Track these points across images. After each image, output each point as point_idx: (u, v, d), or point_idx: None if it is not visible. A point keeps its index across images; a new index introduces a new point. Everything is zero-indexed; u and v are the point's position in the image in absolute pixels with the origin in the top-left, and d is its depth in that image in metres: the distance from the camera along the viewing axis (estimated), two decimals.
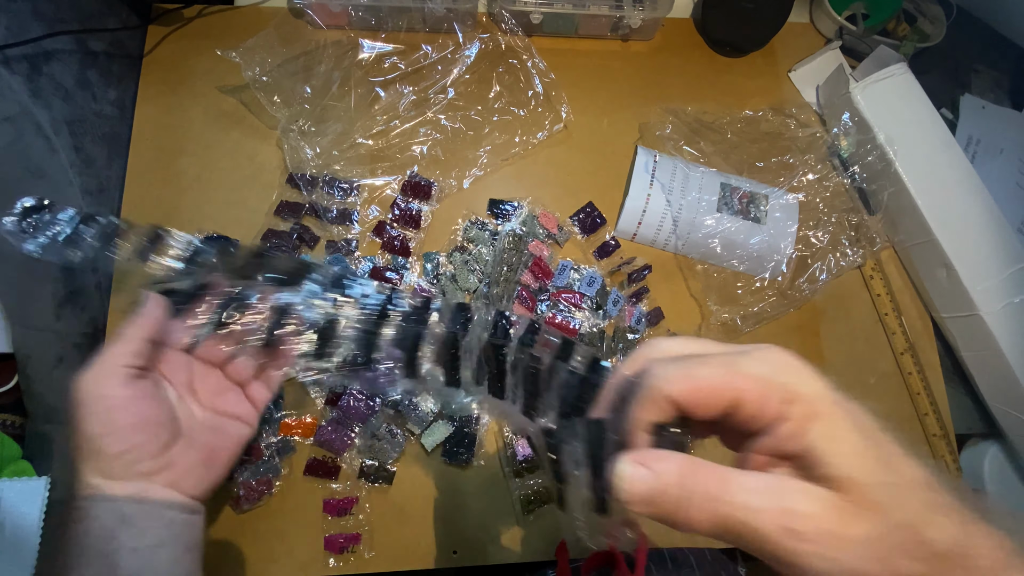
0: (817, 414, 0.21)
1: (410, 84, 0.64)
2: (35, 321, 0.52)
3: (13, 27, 0.50)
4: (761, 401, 0.21)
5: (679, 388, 0.22)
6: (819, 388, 0.21)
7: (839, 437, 0.20)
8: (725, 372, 0.22)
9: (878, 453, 0.20)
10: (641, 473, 0.21)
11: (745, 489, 0.20)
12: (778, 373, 0.21)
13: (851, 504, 0.20)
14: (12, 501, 0.48)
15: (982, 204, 0.63)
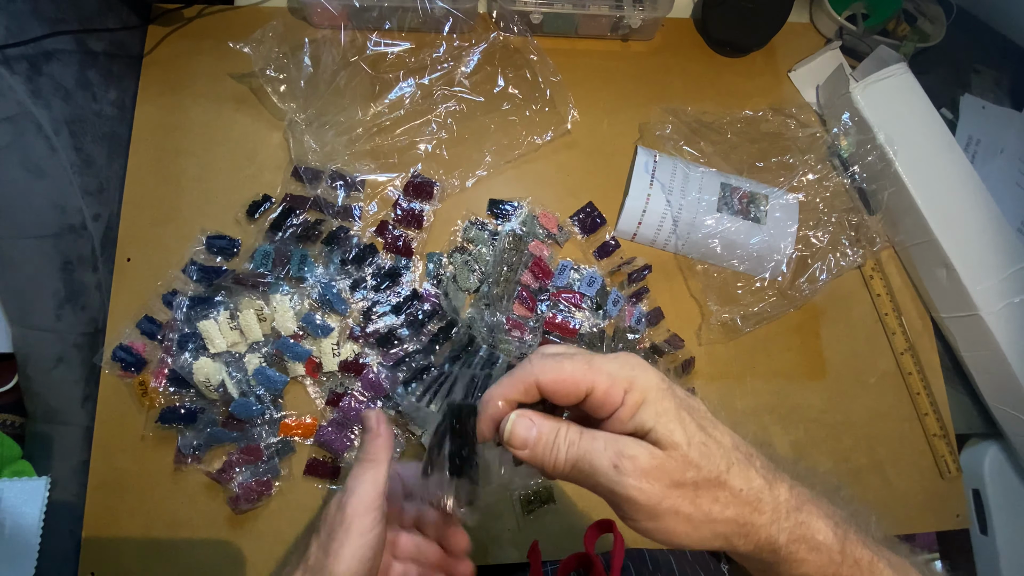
0: (647, 399, 0.27)
1: (417, 81, 0.64)
2: (35, 321, 0.52)
3: (13, 27, 0.50)
4: (608, 390, 0.27)
5: (548, 377, 0.28)
6: (652, 379, 0.27)
7: (663, 413, 0.27)
8: (586, 367, 0.28)
9: (696, 424, 0.27)
10: (525, 423, 0.28)
11: (593, 437, 0.27)
12: (623, 368, 0.27)
13: (669, 458, 0.26)
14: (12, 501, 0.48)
15: (982, 204, 0.63)
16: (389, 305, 0.58)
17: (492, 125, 0.65)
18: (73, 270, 0.54)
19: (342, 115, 0.62)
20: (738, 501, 0.26)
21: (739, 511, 0.26)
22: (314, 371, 0.57)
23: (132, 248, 0.59)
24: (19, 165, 0.50)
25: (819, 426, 0.63)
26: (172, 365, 0.54)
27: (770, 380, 0.63)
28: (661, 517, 0.26)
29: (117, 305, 0.57)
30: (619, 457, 0.26)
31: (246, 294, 0.56)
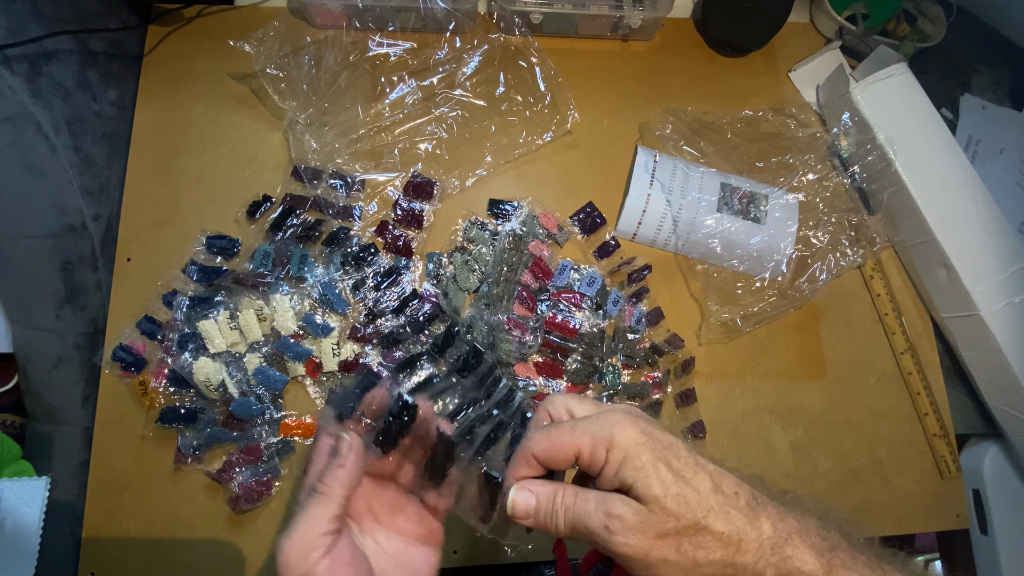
0: (627, 455, 0.29)
1: (418, 81, 0.64)
2: (35, 321, 0.52)
3: (13, 27, 0.50)
4: (592, 451, 0.30)
5: (540, 449, 0.31)
6: (630, 434, 0.30)
7: (641, 468, 0.29)
8: (569, 434, 0.31)
9: (674, 474, 0.29)
10: (524, 495, 0.32)
11: (585, 500, 0.30)
12: (604, 428, 0.30)
13: (651, 512, 0.28)
14: (12, 501, 0.48)
15: (982, 204, 0.63)
16: (389, 305, 0.58)
17: (492, 126, 0.65)
18: (73, 270, 0.54)
19: (343, 115, 0.62)
20: (721, 544, 0.28)
21: (724, 553, 0.28)
22: (314, 371, 0.57)
23: (132, 248, 0.59)
24: (19, 165, 0.50)
25: (819, 426, 0.63)
26: (172, 365, 0.54)
27: (770, 380, 0.63)
28: (652, 566, 0.28)
29: (117, 305, 0.57)
30: (608, 518, 0.29)
31: (246, 294, 0.56)
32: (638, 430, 0.30)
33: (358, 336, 0.57)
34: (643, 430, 0.30)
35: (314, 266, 0.58)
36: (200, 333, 0.55)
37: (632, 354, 0.60)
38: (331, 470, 0.32)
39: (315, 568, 0.29)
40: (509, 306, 0.58)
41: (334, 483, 0.32)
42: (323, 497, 0.31)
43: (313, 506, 0.31)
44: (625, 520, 0.28)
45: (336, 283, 0.58)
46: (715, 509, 0.28)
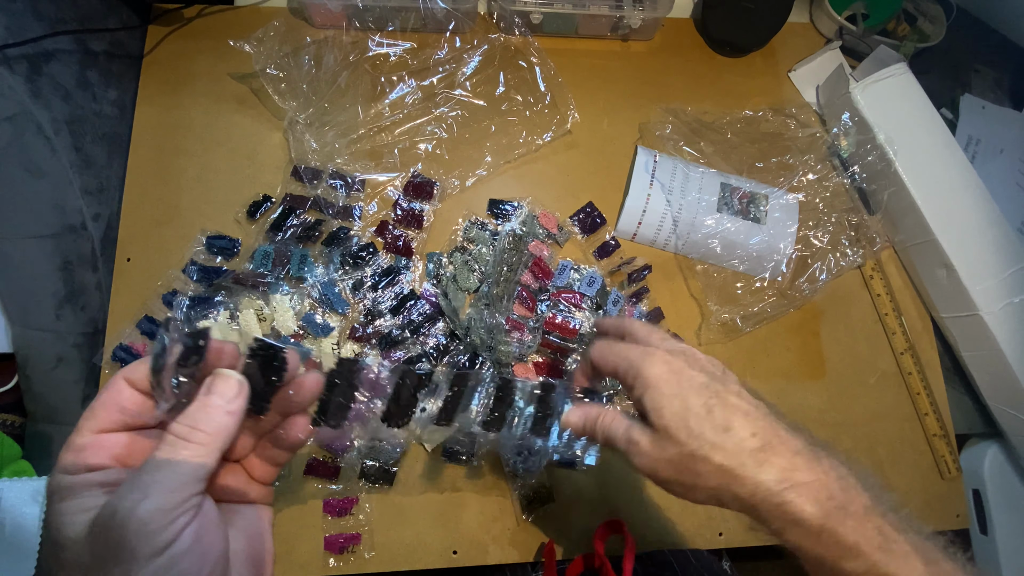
0: (647, 386, 0.35)
1: (418, 81, 0.64)
2: (35, 321, 0.52)
3: (13, 27, 0.50)
4: (624, 374, 0.36)
5: (596, 355, 0.39)
6: (657, 372, 0.35)
7: (658, 399, 0.34)
8: (615, 353, 0.37)
9: (687, 410, 0.33)
10: (577, 412, 0.39)
11: (617, 424, 0.37)
12: (639, 359, 0.36)
13: (661, 439, 0.34)
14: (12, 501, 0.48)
15: (982, 204, 0.63)
16: (389, 305, 0.58)
17: (492, 126, 0.65)
18: (73, 270, 0.54)
19: (343, 115, 0.62)
20: (717, 473, 0.32)
21: (720, 481, 0.32)
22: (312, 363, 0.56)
23: (132, 248, 0.59)
24: (19, 165, 0.50)
25: (819, 426, 0.63)
26: None
27: (770, 380, 0.63)
28: (663, 482, 0.35)
29: (117, 305, 0.57)
30: (628, 443, 0.35)
31: (246, 294, 0.56)
32: (666, 368, 0.35)
33: (358, 336, 0.57)
34: (673, 369, 0.35)
35: (314, 266, 0.58)
36: None
37: None
38: (212, 415, 0.26)
39: (180, 536, 0.24)
40: (509, 306, 0.58)
41: (216, 431, 0.26)
42: (197, 448, 0.26)
43: (182, 458, 0.25)
44: (640, 445, 0.35)
45: (336, 283, 0.58)
46: (717, 444, 0.32)
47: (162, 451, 0.25)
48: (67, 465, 0.26)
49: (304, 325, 0.56)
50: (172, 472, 0.25)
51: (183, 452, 0.25)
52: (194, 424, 0.26)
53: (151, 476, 0.24)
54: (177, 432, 0.26)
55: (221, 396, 0.27)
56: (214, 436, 0.26)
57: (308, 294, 0.58)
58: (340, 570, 0.53)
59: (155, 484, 0.24)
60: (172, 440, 0.26)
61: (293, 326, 0.56)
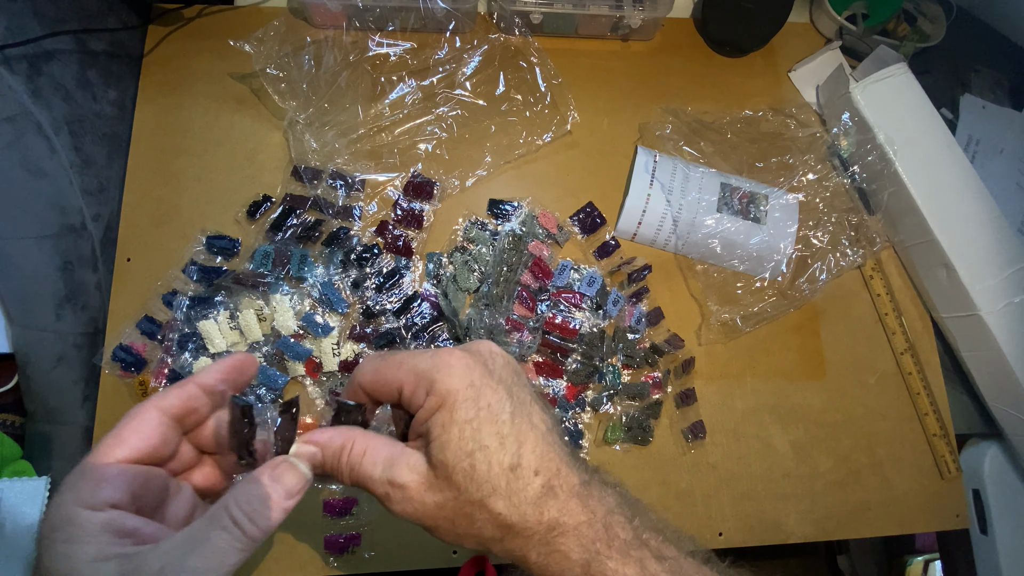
0: (442, 405, 0.28)
1: (418, 81, 0.64)
2: (35, 321, 0.52)
3: (13, 27, 0.50)
4: (414, 389, 0.29)
5: (366, 379, 0.30)
6: (455, 384, 0.28)
7: (446, 426, 0.27)
8: (396, 367, 0.29)
9: (475, 443, 0.27)
10: (308, 449, 0.29)
11: (371, 461, 0.28)
12: (431, 369, 0.28)
13: (436, 479, 0.27)
14: (12, 501, 0.48)
15: (982, 204, 0.63)
16: (389, 305, 0.58)
17: (492, 126, 0.65)
18: (73, 270, 0.54)
19: (343, 115, 0.62)
20: (494, 524, 0.27)
21: (493, 532, 0.28)
22: (314, 371, 0.57)
23: (132, 248, 0.59)
24: (19, 165, 0.50)
25: (819, 426, 0.63)
26: (172, 365, 0.54)
27: (770, 380, 0.63)
28: (427, 529, 0.29)
29: (117, 305, 0.57)
30: (390, 487, 0.28)
31: (246, 294, 0.56)
32: (466, 381, 0.28)
33: (358, 336, 0.57)
34: (472, 382, 0.28)
35: (314, 266, 0.58)
36: (200, 333, 0.55)
37: (632, 354, 0.60)
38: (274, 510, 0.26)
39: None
40: (509, 306, 0.58)
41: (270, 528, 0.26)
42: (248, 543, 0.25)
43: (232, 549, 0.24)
44: (407, 490, 0.27)
45: (336, 283, 0.58)
46: (500, 490, 0.27)
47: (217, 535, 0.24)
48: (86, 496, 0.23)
49: (304, 325, 0.56)
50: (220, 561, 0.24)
51: (236, 543, 0.24)
52: (253, 517, 0.25)
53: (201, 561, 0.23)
54: (237, 519, 0.25)
55: (287, 491, 0.27)
56: (266, 532, 0.25)
57: (308, 294, 0.58)
58: (340, 570, 0.53)
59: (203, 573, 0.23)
60: (228, 525, 0.24)
61: (293, 326, 0.56)
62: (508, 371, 0.30)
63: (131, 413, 0.27)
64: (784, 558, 1.15)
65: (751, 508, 0.60)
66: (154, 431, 0.27)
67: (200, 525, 0.24)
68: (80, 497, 0.23)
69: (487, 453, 0.27)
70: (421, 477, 0.27)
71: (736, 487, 0.60)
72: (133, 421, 0.26)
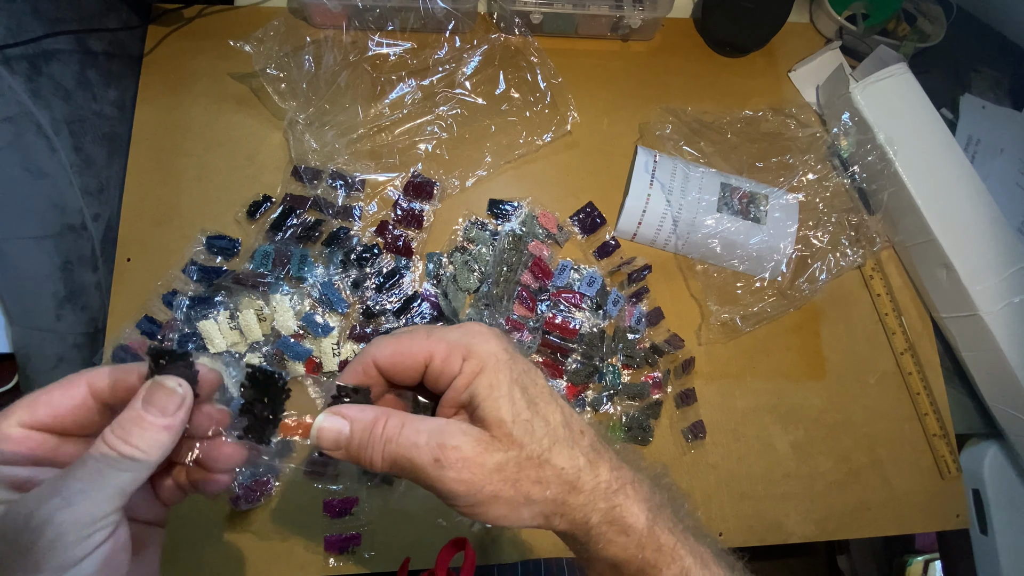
0: (484, 368, 0.27)
1: (417, 81, 0.64)
2: (35, 321, 0.52)
3: (13, 27, 0.50)
4: (447, 357, 0.27)
5: (384, 353, 0.28)
6: (492, 348, 0.27)
7: (495, 386, 0.26)
8: (424, 338, 0.27)
9: (527, 400, 0.26)
10: (335, 422, 0.27)
11: (413, 430, 0.26)
12: (464, 336, 0.27)
13: (493, 439, 0.26)
14: None
15: (982, 204, 0.63)
16: (389, 305, 0.58)
17: (492, 126, 0.65)
18: (73, 270, 0.54)
19: (343, 115, 0.62)
20: (559, 481, 0.26)
21: (558, 491, 0.26)
22: (314, 371, 0.57)
23: (132, 248, 0.59)
24: (19, 165, 0.50)
25: (819, 426, 0.63)
26: None
27: (770, 380, 0.63)
28: (481, 504, 0.26)
29: (117, 305, 0.57)
30: (441, 450, 0.25)
31: (246, 294, 0.56)
32: (501, 346, 0.27)
33: (358, 336, 0.57)
34: (507, 349, 0.28)
35: (314, 266, 0.58)
36: (200, 333, 0.55)
37: (632, 354, 0.60)
38: (148, 429, 0.24)
39: (92, 554, 0.22)
40: (509, 306, 0.58)
41: (152, 446, 0.24)
42: (130, 462, 0.24)
43: (111, 471, 0.23)
44: (462, 451, 0.25)
45: (336, 283, 0.58)
46: (560, 442, 0.26)
47: (92, 460, 0.23)
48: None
49: (304, 325, 0.56)
50: (99, 483, 0.23)
51: (114, 465, 0.23)
52: (127, 438, 0.24)
53: (77, 484, 0.22)
54: (111, 443, 0.24)
55: (160, 409, 0.25)
56: (148, 453, 0.24)
57: (308, 294, 0.58)
58: (340, 570, 0.53)
59: (80, 494, 0.22)
60: (105, 450, 0.24)
61: (293, 326, 0.56)
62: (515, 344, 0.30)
63: (59, 381, 0.26)
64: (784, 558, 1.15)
65: (751, 508, 0.60)
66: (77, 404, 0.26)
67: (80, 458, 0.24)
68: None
69: (540, 409, 0.27)
70: (475, 438, 0.26)
71: (736, 487, 0.60)
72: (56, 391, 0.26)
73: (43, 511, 0.21)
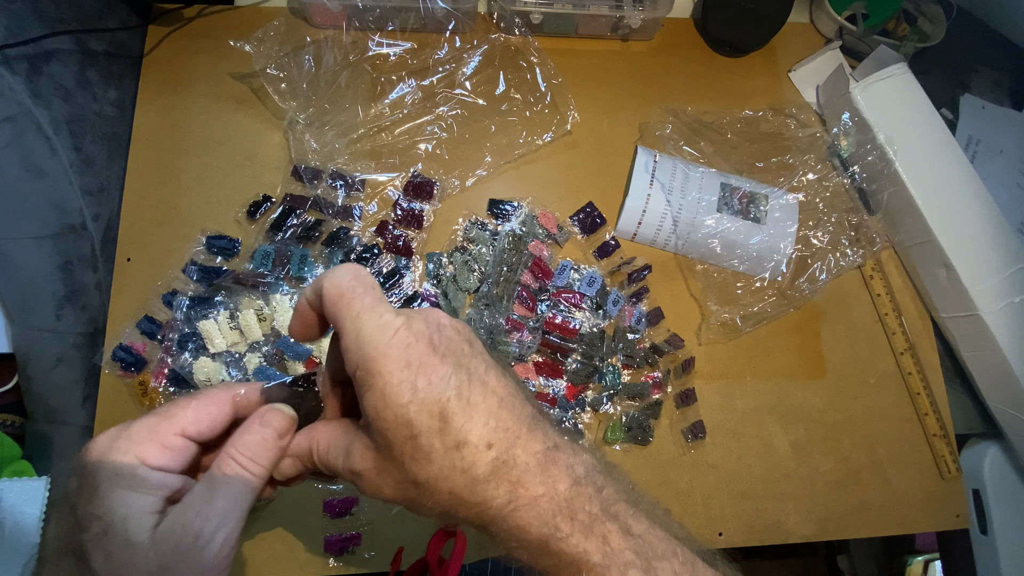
0: (372, 385, 0.26)
1: (418, 81, 0.64)
2: (35, 321, 0.52)
3: (13, 27, 0.50)
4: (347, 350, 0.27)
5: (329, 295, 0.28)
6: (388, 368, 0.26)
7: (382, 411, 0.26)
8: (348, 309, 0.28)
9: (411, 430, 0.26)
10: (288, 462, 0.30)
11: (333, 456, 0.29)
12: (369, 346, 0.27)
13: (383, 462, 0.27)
14: (12, 501, 0.48)
15: (982, 204, 0.63)
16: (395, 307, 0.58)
17: (492, 126, 0.65)
18: (73, 270, 0.54)
19: (343, 115, 0.62)
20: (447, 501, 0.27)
21: (448, 507, 0.27)
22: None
23: (132, 248, 0.59)
24: (19, 165, 0.50)
25: (819, 426, 0.63)
26: (172, 365, 0.54)
27: (770, 380, 0.63)
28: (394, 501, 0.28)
29: (117, 305, 0.57)
30: (352, 475, 0.28)
31: (246, 294, 0.56)
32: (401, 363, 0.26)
33: None
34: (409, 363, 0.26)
35: (314, 266, 0.58)
36: (200, 333, 0.55)
37: (632, 354, 0.60)
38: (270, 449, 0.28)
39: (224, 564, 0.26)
40: (509, 306, 0.58)
41: (272, 464, 0.28)
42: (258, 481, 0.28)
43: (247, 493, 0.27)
44: (364, 478, 0.28)
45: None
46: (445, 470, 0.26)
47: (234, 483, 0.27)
48: (151, 456, 0.26)
49: None
50: (241, 504, 0.27)
51: (247, 483, 0.27)
52: (254, 457, 0.28)
53: (228, 504, 0.26)
54: (240, 462, 0.27)
55: (278, 432, 0.29)
56: (268, 470, 0.28)
57: None
58: (340, 570, 0.53)
59: (232, 515, 0.26)
60: (239, 473, 0.27)
61: None
62: (457, 342, 0.28)
63: (209, 392, 0.29)
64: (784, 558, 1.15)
65: (751, 508, 0.60)
66: (220, 418, 0.29)
67: (212, 475, 0.27)
68: (146, 454, 0.26)
69: (428, 435, 0.26)
70: (372, 463, 0.28)
71: (736, 487, 0.60)
72: (208, 401, 0.28)
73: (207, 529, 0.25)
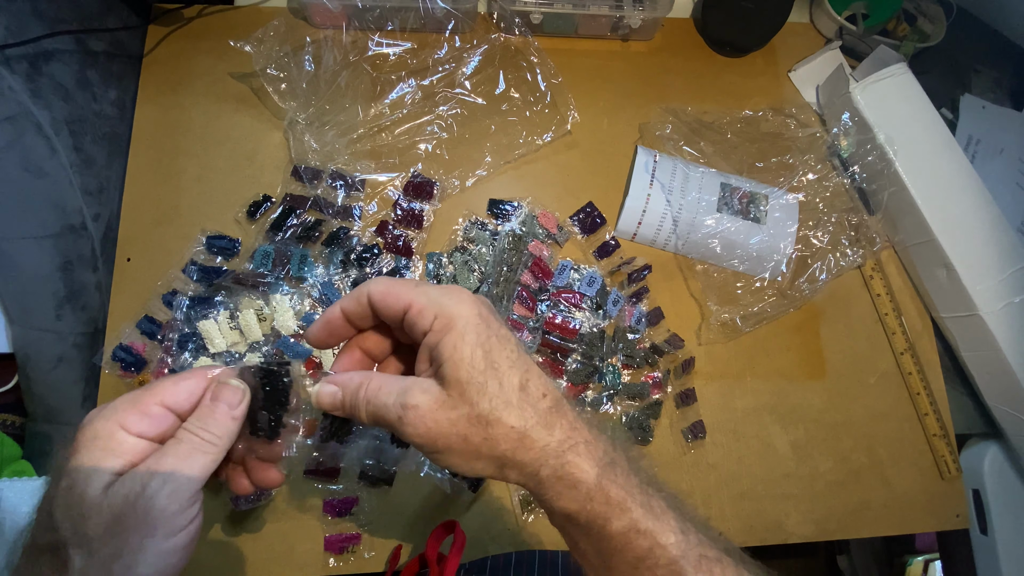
0: (451, 328, 0.29)
1: (417, 81, 0.64)
2: (35, 321, 0.52)
3: (13, 27, 0.50)
4: (421, 310, 0.30)
5: (377, 289, 0.31)
6: (463, 311, 0.29)
7: (458, 347, 0.28)
8: (411, 286, 0.31)
9: (488, 362, 0.29)
10: (329, 389, 0.32)
11: (385, 392, 0.30)
12: (442, 295, 0.30)
13: (449, 397, 0.28)
14: (12, 501, 0.48)
15: (982, 204, 0.63)
16: None
17: (492, 125, 0.65)
18: (73, 270, 0.54)
19: (343, 115, 0.62)
20: (507, 438, 0.29)
21: (507, 447, 0.29)
22: (314, 371, 0.57)
23: (132, 248, 0.59)
24: (19, 165, 0.50)
25: (819, 426, 0.63)
26: (172, 365, 0.54)
27: (770, 380, 0.63)
28: (439, 452, 0.29)
29: (117, 305, 0.57)
30: (403, 409, 0.29)
31: (246, 294, 0.56)
32: (475, 312, 0.30)
33: None
34: (480, 314, 0.30)
35: (314, 266, 0.58)
36: (200, 333, 0.55)
37: (632, 354, 0.60)
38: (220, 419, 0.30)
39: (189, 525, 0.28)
40: (509, 306, 0.58)
41: (224, 434, 0.30)
42: (208, 447, 0.29)
43: (194, 454, 0.29)
44: (420, 410, 0.29)
45: (336, 283, 0.58)
46: (512, 404, 0.29)
47: (182, 446, 0.29)
48: (130, 422, 0.28)
49: (304, 325, 0.56)
50: (191, 465, 0.28)
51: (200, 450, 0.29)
52: (203, 425, 0.29)
53: (176, 463, 0.28)
54: (194, 430, 0.29)
55: (229, 404, 0.30)
56: (222, 438, 0.30)
57: (308, 294, 0.58)
58: (340, 570, 0.53)
59: (179, 474, 0.28)
60: (189, 438, 0.29)
61: (293, 326, 0.56)
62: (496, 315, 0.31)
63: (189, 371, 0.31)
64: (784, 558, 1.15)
65: (751, 508, 0.60)
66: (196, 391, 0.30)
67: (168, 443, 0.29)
68: (126, 420, 0.28)
69: (498, 372, 0.29)
70: (433, 397, 0.29)
71: (736, 487, 0.60)
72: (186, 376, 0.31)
73: (154, 485, 0.27)
